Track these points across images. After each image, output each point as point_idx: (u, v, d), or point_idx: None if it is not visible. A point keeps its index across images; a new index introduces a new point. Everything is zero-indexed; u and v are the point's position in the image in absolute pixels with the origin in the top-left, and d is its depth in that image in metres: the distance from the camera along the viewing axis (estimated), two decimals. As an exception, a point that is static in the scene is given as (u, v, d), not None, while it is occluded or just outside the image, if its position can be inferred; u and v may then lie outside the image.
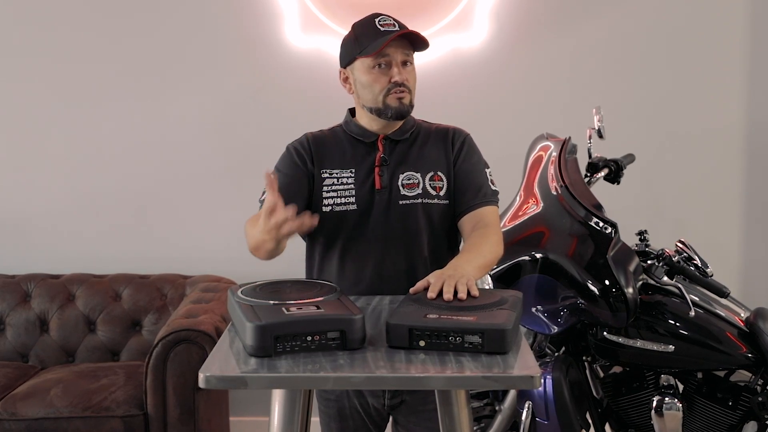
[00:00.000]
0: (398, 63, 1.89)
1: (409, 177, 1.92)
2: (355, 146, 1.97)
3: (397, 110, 1.90)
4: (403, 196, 1.91)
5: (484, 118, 3.36)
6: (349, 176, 1.93)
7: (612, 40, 3.37)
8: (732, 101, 3.39)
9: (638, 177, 2.98)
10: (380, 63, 1.89)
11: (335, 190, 1.92)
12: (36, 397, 2.79)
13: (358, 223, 1.91)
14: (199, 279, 3.33)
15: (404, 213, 1.90)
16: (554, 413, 2.23)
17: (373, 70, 1.90)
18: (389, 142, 1.96)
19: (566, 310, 2.24)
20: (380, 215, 1.90)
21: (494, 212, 1.94)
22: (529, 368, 1.37)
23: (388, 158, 1.94)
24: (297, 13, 3.35)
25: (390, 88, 1.89)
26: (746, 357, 2.21)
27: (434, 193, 1.92)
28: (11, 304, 3.28)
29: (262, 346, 1.41)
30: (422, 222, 1.91)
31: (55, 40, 3.41)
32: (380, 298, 1.83)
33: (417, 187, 1.92)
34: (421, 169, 1.94)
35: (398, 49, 1.89)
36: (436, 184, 1.93)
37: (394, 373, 1.38)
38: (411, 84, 1.92)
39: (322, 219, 1.89)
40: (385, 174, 1.92)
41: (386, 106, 1.90)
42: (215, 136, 3.45)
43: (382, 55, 1.88)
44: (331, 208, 1.91)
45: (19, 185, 3.49)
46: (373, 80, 1.90)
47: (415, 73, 1.95)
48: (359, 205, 1.91)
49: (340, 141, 1.99)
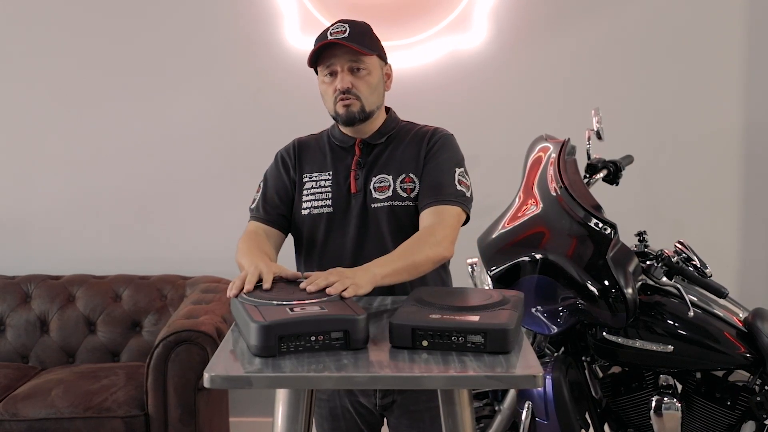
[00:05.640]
0: (344, 70, 1.89)
1: (381, 180, 1.93)
2: (334, 150, 1.99)
3: (344, 117, 1.91)
4: (374, 199, 1.92)
5: (483, 119, 3.37)
6: (327, 179, 1.95)
7: (611, 41, 3.38)
8: (730, 103, 3.41)
9: (637, 178, 2.99)
10: (328, 72, 1.91)
11: (313, 193, 1.95)
12: (37, 398, 2.79)
13: (334, 226, 1.93)
14: (199, 280, 3.34)
15: (375, 216, 1.92)
16: (554, 413, 2.24)
17: (324, 79, 1.94)
18: (366, 146, 1.97)
19: (566, 310, 2.25)
20: (355, 218, 1.92)
21: (451, 212, 1.86)
22: (531, 368, 1.38)
23: (364, 162, 1.95)
24: (296, 14, 3.36)
25: (337, 96, 1.90)
26: (744, 357, 2.22)
27: (405, 195, 1.91)
28: (11, 305, 3.29)
29: (266, 345, 1.42)
30: (390, 225, 1.91)
31: (55, 41, 3.42)
32: (382, 298, 1.84)
33: (387, 189, 1.92)
34: (392, 172, 1.93)
35: (344, 56, 1.89)
36: (406, 186, 1.92)
37: (398, 373, 1.39)
38: (361, 90, 1.90)
39: (302, 221, 1.95)
40: (360, 177, 1.94)
41: (336, 114, 1.93)
42: (215, 137, 3.45)
43: (328, 65, 1.91)
44: (309, 210, 1.94)
45: (19, 186, 3.50)
46: (324, 89, 1.94)
47: (372, 77, 1.92)
48: (335, 208, 1.93)
49: (323, 145, 2.02)
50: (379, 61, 1.97)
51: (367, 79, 1.91)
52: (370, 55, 1.91)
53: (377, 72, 1.95)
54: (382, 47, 1.98)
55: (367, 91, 1.91)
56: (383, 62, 1.99)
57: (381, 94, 1.98)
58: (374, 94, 1.94)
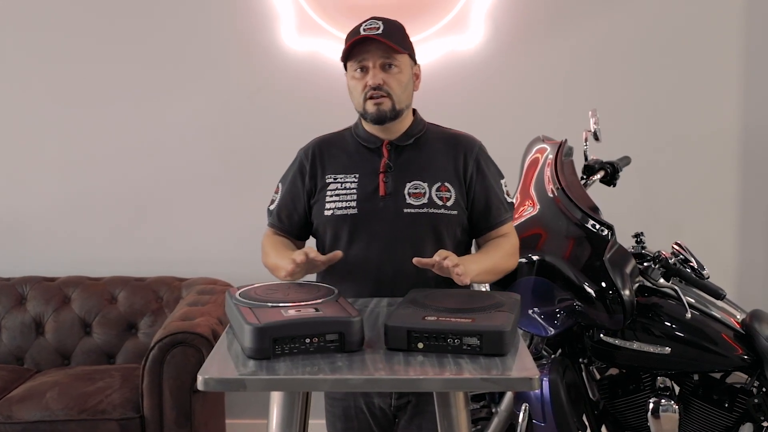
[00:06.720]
0: (376, 66, 1.89)
1: (415, 186, 1.92)
2: (360, 151, 1.98)
3: (374, 116, 1.91)
4: (408, 204, 1.91)
5: (480, 120, 3.35)
6: (352, 181, 1.94)
7: (608, 43, 3.38)
8: (728, 104, 3.40)
9: (634, 179, 2.99)
10: (359, 67, 1.91)
11: (338, 194, 1.94)
12: (32, 400, 2.78)
13: (359, 228, 1.91)
14: (195, 281, 3.33)
15: (410, 221, 1.90)
16: (551, 415, 2.23)
17: (355, 74, 1.92)
18: (394, 148, 1.96)
19: (563, 312, 2.24)
20: (384, 221, 1.91)
21: (511, 226, 2.01)
22: (527, 370, 1.37)
23: (393, 165, 1.94)
24: (293, 16, 3.35)
25: (367, 93, 1.90)
26: (742, 359, 2.22)
27: (440, 203, 1.92)
28: (6, 307, 3.27)
29: (261, 348, 1.41)
30: (428, 230, 1.91)
31: (51, 42, 3.41)
32: (378, 300, 1.83)
33: (423, 196, 1.91)
34: (428, 179, 1.93)
35: (377, 52, 1.89)
36: (442, 194, 1.93)
37: (393, 375, 1.38)
38: (392, 87, 1.90)
39: (325, 222, 1.93)
40: (390, 181, 1.92)
41: (365, 112, 1.92)
42: (211, 139, 3.44)
43: (360, 60, 1.90)
44: (333, 212, 1.93)
45: (14, 187, 3.49)
46: (354, 85, 1.93)
47: (403, 75, 1.93)
48: (360, 210, 1.91)
49: (346, 145, 2.01)
50: (410, 60, 1.97)
51: (399, 76, 1.92)
52: (403, 53, 1.92)
53: (408, 71, 1.95)
54: (413, 47, 1.99)
55: (399, 88, 1.92)
56: (413, 62, 1.99)
57: (410, 93, 1.98)
58: (405, 93, 1.94)
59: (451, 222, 1.92)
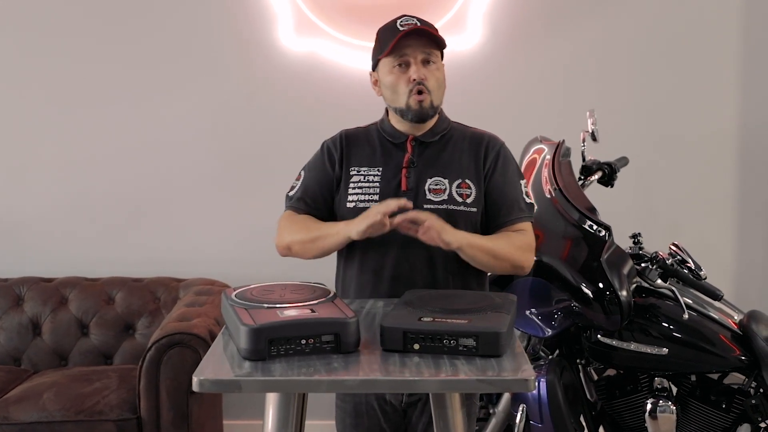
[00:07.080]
0: (417, 61, 1.89)
1: (436, 182, 1.92)
2: (384, 145, 1.98)
3: (416, 113, 1.91)
4: (428, 200, 1.91)
5: (478, 121, 3.32)
6: (375, 174, 1.94)
7: (606, 43, 3.38)
8: (726, 105, 3.40)
9: (632, 180, 2.99)
10: (400, 63, 1.90)
11: (361, 187, 1.94)
12: (29, 401, 2.77)
13: None
14: (193, 282, 3.32)
15: None
16: (548, 416, 2.23)
17: (393, 69, 1.92)
18: (418, 144, 1.96)
19: (560, 313, 2.24)
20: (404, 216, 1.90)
21: (528, 226, 1.95)
22: (523, 371, 1.37)
23: (417, 160, 1.94)
24: (290, 16, 3.34)
25: (411, 89, 1.89)
26: (739, 360, 2.22)
27: (460, 200, 1.91)
28: (3, 308, 3.26)
29: (256, 349, 1.41)
30: None
31: (48, 43, 3.40)
32: (374, 301, 1.83)
33: (443, 192, 1.91)
34: (449, 176, 1.93)
35: (418, 47, 1.89)
36: (463, 191, 1.92)
37: (388, 377, 1.38)
38: (431, 84, 1.91)
39: (346, 214, 1.92)
40: (412, 176, 1.92)
41: (408, 108, 1.92)
42: (209, 139, 3.44)
43: (401, 55, 1.90)
44: (355, 204, 1.92)
45: (11, 188, 3.48)
46: (394, 80, 1.92)
47: (440, 72, 1.94)
48: None
49: (372, 139, 2.01)
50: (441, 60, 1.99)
51: (437, 73, 1.93)
52: (442, 47, 1.94)
53: (443, 69, 1.97)
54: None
55: (436, 85, 1.93)
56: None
57: (444, 91, 1.99)
58: (440, 90, 1.95)
59: (470, 219, 1.92)
